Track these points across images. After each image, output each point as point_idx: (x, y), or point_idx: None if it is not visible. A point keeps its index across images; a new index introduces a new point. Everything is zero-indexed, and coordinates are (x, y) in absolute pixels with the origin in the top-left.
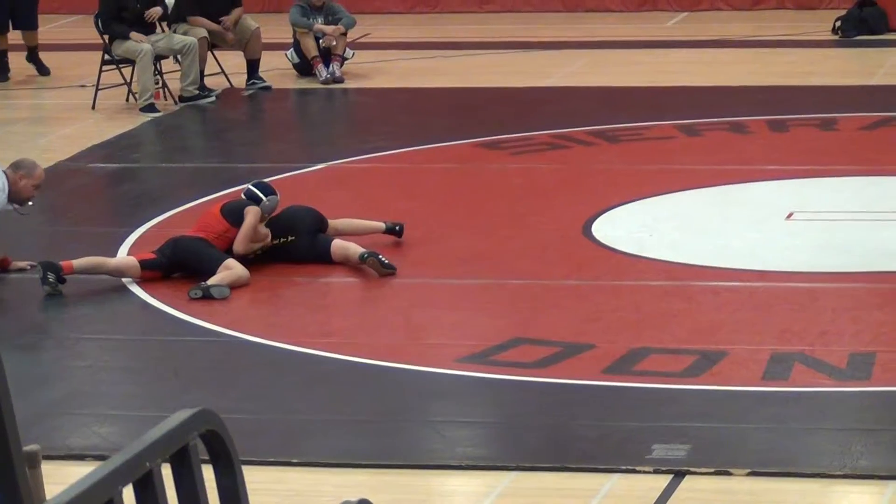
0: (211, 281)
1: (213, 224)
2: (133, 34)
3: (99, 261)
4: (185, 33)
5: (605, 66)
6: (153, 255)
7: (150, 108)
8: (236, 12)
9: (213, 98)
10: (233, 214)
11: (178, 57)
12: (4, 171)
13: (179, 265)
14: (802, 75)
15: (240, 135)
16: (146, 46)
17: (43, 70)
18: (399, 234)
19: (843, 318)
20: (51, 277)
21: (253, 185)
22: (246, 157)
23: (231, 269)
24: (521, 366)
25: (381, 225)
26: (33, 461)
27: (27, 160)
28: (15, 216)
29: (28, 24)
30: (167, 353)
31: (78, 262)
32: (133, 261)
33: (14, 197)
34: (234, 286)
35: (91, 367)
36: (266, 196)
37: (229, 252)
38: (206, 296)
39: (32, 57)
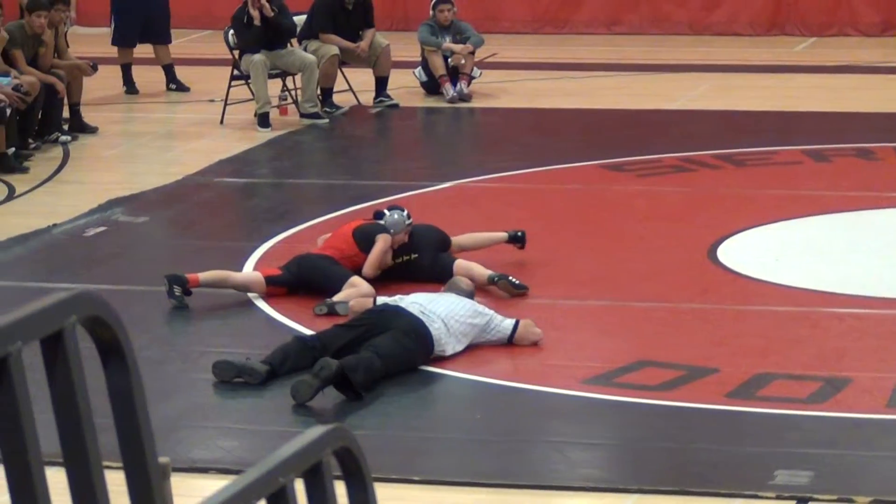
0: (336, 297)
1: (343, 245)
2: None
3: (224, 275)
4: (315, 50)
5: (730, 90)
6: (279, 271)
7: (263, 118)
8: (369, 34)
9: (327, 119)
10: (364, 240)
11: None
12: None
13: (305, 282)
14: None
15: (366, 152)
16: (258, 57)
17: (182, 88)
18: (522, 241)
19: None
20: (177, 290)
21: (388, 210)
22: (372, 175)
23: (357, 287)
24: (645, 388)
25: (504, 235)
26: (164, 473)
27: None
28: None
29: (160, 38)
30: None
31: (204, 276)
32: (258, 276)
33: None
34: None
35: (215, 380)
36: (404, 223)
37: (355, 272)
38: (332, 312)
39: (170, 76)
